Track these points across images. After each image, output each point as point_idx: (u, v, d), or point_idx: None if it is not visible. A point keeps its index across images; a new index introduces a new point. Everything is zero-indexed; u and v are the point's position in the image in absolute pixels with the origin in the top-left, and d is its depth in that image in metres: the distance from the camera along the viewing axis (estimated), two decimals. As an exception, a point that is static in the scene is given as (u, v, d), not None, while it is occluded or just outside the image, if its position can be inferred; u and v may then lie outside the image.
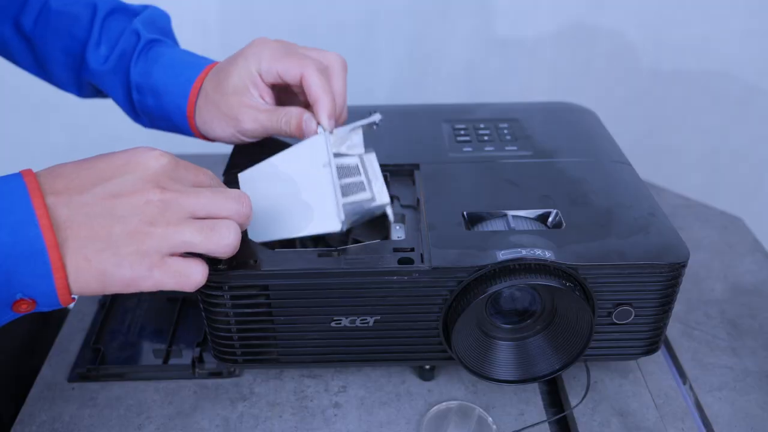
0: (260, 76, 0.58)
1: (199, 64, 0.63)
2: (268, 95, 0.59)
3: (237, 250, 0.46)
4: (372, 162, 0.57)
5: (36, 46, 0.66)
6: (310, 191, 0.52)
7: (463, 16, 1.21)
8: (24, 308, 0.41)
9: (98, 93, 0.71)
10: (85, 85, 0.69)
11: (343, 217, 0.51)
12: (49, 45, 0.66)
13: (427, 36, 1.22)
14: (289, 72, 0.56)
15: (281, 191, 0.53)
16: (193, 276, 0.44)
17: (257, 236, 0.53)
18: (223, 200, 0.45)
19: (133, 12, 0.66)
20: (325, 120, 0.55)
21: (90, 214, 0.40)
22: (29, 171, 0.41)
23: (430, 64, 1.26)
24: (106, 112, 1.28)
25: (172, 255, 0.43)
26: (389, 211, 0.55)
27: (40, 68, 0.69)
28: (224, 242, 0.44)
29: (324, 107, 0.55)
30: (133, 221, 0.41)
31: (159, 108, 0.64)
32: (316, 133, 0.56)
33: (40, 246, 0.38)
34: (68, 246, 0.40)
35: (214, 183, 0.48)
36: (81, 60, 0.66)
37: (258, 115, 0.58)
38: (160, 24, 0.68)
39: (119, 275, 0.41)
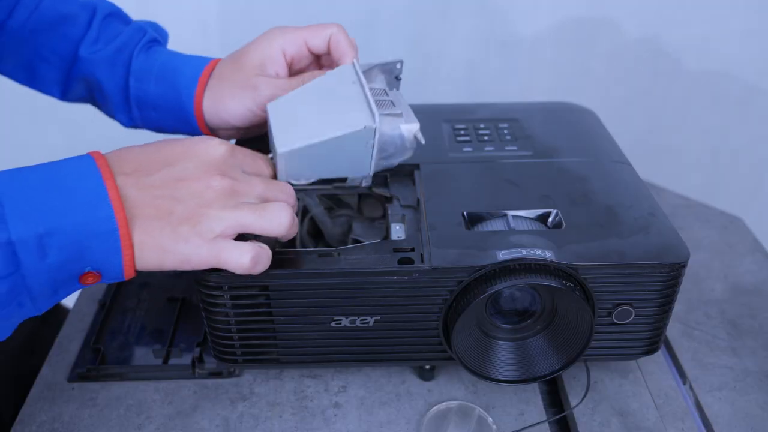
0: (282, 51, 0.61)
1: (208, 58, 0.65)
2: (285, 74, 0.61)
3: (294, 232, 0.49)
4: (397, 95, 0.59)
5: (26, 46, 0.66)
6: (343, 102, 0.54)
7: (463, 16, 1.21)
8: (90, 280, 0.44)
9: (83, 94, 0.70)
10: (71, 84, 0.69)
11: (378, 116, 0.52)
12: (40, 44, 0.65)
13: (427, 36, 1.22)
14: (317, 35, 0.61)
15: (313, 107, 0.55)
16: (242, 258, 0.46)
17: (287, 144, 0.53)
18: (275, 189, 0.49)
19: (133, 21, 0.68)
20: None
21: (155, 195, 0.44)
22: (98, 153, 0.43)
23: (430, 64, 1.26)
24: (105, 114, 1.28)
25: (226, 237, 0.45)
26: (419, 135, 0.56)
27: (24, 69, 0.69)
28: (277, 221, 0.46)
29: (350, 57, 0.60)
30: (191, 203, 0.44)
31: (159, 94, 0.64)
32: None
33: (112, 225, 0.41)
34: (135, 224, 0.43)
35: (270, 170, 0.53)
36: (73, 57, 0.66)
37: (277, 82, 0.60)
38: (162, 34, 0.70)
39: (176, 251, 0.44)
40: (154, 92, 0.64)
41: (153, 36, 0.66)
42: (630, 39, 1.24)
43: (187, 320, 0.65)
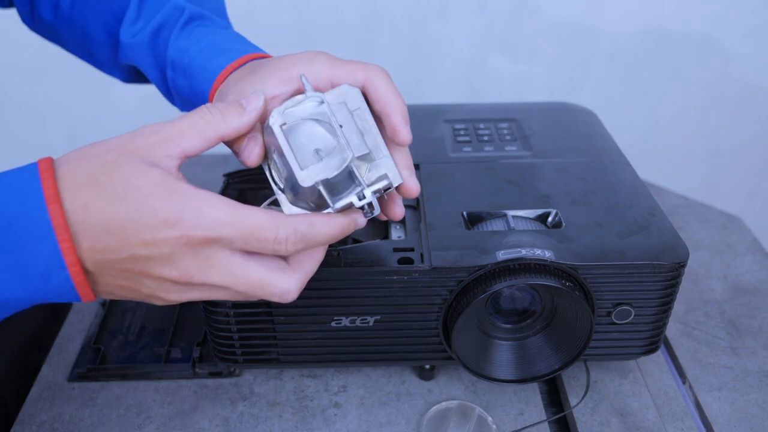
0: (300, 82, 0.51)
1: (239, 50, 0.56)
2: None
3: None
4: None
5: (77, 28, 0.64)
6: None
7: (463, 16, 1.21)
8: None
9: (140, 75, 0.67)
10: (124, 66, 0.66)
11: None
12: (89, 25, 0.63)
13: (427, 36, 1.22)
14: (350, 77, 0.48)
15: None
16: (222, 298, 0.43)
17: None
18: (262, 296, 0.41)
19: None
20: (402, 127, 0.46)
21: (116, 275, 0.40)
22: (56, 207, 0.37)
23: (430, 64, 1.26)
24: (106, 113, 1.28)
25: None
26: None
27: (85, 51, 0.66)
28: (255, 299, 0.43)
29: (399, 111, 0.46)
30: (155, 288, 0.40)
31: (189, 90, 0.59)
32: None
33: (70, 288, 0.38)
34: (96, 284, 0.40)
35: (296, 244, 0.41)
36: (117, 38, 0.63)
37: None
38: (210, 2, 0.63)
39: (145, 301, 0.42)
40: (184, 86, 0.59)
41: (192, 12, 0.59)
42: (630, 39, 1.24)
43: (187, 320, 0.65)
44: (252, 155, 0.44)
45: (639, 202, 0.56)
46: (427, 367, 0.58)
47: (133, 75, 0.67)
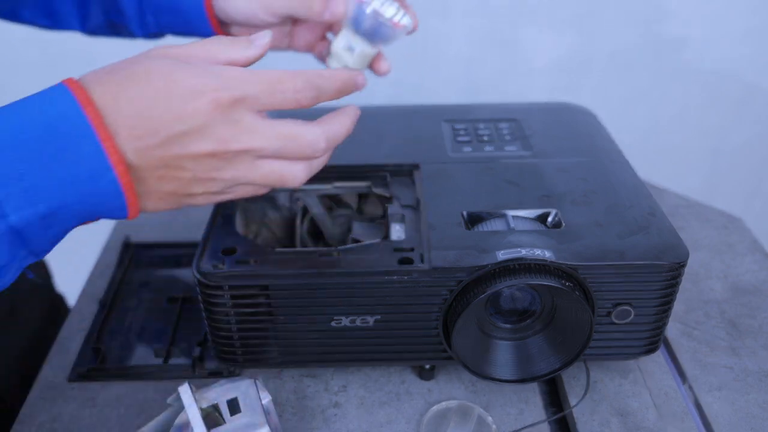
0: None
1: None
2: None
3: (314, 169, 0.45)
4: None
5: None
6: None
7: (463, 16, 1.21)
8: (89, 222, 0.42)
9: (101, 21, 0.66)
10: (89, 9, 0.65)
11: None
12: None
13: (427, 36, 1.22)
14: None
15: None
16: (262, 189, 0.45)
17: None
18: (294, 150, 0.42)
19: None
20: None
21: (158, 165, 0.40)
22: (88, 100, 0.38)
23: (430, 63, 1.26)
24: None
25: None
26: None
27: (42, 9, 0.66)
28: (289, 185, 0.44)
29: None
30: (197, 170, 0.41)
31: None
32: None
33: (117, 191, 0.39)
34: (140, 190, 0.40)
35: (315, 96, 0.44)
36: None
37: None
38: None
39: (193, 204, 0.43)
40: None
41: None
42: (630, 39, 1.24)
43: (187, 320, 0.65)
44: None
45: (639, 202, 0.56)
46: (427, 367, 0.58)
47: (93, 20, 0.66)
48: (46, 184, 0.37)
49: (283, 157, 0.42)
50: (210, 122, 0.39)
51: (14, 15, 0.67)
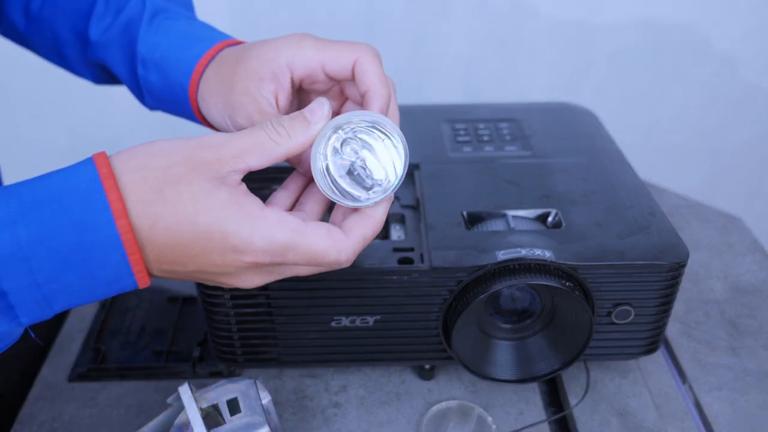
0: (290, 70, 0.49)
1: (212, 38, 0.55)
2: (285, 97, 0.49)
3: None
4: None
5: (47, 29, 0.64)
6: None
7: (463, 16, 1.21)
8: None
9: (109, 79, 0.66)
10: (94, 65, 0.65)
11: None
12: (58, 25, 0.63)
13: (427, 36, 1.22)
14: (340, 59, 0.47)
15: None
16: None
17: None
18: (319, 269, 0.43)
19: None
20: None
21: (180, 275, 0.42)
22: (127, 229, 0.37)
23: (430, 63, 1.26)
24: (107, 112, 1.28)
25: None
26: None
27: (56, 54, 0.66)
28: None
29: (381, 100, 0.46)
30: (218, 283, 0.43)
31: (163, 86, 0.58)
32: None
33: (132, 284, 0.39)
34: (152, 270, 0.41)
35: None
36: (86, 36, 0.62)
37: (254, 114, 0.48)
38: None
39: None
40: (157, 82, 0.58)
41: (156, 6, 0.59)
42: (630, 39, 1.24)
43: (187, 320, 0.65)
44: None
45: (639, 202, 0.56)
46: (427, 367, 0.58)
47: (104, 75, 0.66)
48: (67, 286, 0.38)
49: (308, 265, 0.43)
50: (243, 271, 0.40)
51: (29, 45, 0.68)
